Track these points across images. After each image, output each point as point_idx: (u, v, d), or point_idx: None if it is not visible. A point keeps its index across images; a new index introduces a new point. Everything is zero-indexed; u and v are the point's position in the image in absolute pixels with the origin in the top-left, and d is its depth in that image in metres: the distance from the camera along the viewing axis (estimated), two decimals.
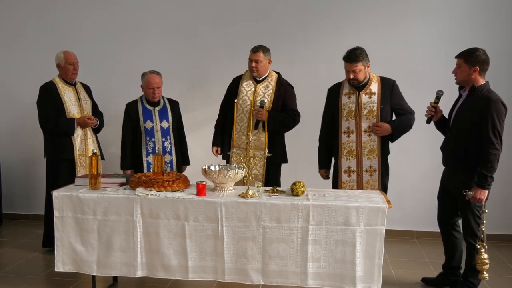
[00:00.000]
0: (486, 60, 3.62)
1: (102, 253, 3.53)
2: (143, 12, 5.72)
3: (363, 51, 4.04)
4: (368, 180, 4.14)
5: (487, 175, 3.52)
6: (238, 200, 3.36)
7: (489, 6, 5.19)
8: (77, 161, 4.70)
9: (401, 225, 5.40)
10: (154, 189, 3.49)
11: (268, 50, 4.42)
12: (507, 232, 5.34)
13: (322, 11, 5.43)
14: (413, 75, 5.21)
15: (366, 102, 4.10)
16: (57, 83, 4.70)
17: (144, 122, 4.60)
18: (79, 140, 4.73)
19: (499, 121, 3.52)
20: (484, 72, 3.65)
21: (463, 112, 3.69)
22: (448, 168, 3.90)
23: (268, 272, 3.36)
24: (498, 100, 3.55)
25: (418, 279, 4.20)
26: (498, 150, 3.53)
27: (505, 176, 5.29)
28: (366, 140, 4.11)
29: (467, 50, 3.66)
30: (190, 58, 5.68)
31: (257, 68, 4.39)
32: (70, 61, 4.70)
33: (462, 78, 3.68)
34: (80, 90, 4.85)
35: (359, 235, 3.25)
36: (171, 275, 3.49)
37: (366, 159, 4.13)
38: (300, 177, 3.75)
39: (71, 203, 3.51)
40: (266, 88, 4.46)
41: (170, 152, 4.67)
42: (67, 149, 4.66)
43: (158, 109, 4.67)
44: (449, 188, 3.87)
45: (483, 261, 3.50)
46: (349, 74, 4.06)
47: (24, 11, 5.88)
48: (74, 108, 4.71)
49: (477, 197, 3.56)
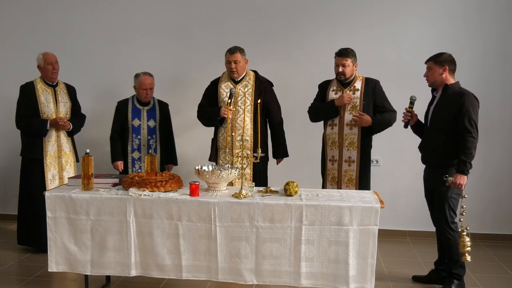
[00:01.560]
0: (453, 61, 3.88)
1: (96, 253, 3.53)
2: (136, 13, 5.71)
3: (353, 51, 4.35)
4: (346, 169, 4.38)
5: (466, 161, 3.67)
6: (231, 200, 3.37)
7: (482, 7, 5.21)
8: (46, 162, 4.73)
9: (394, 225, 5.41)
10: (147, 190, 3.49)
11: (243, 50, 4.49)
12: (500, 232, 5.37)
13: (316, 11, 5.44)
14: (406, 75, 5.22)
15: None
16: (37, 83, 4.76)
17: (132, 120, 4.77)
18: (52, 141, 4.76)
19: (474, 112, 3.71)
20: (453, 72, 3.89)
21: (439, 110, 3.88)
22: (428, 165, 4.05)
23: (261, 271, 3.36)
24: (471, 94, 3.77)
25: (410, 278, 4.23)
26: (475, 138, 3.70)
27: (498, 176, 5.34)
28: (347, 133, 4.34)
29: (435, 54, 3.92)
30: (183, 58, 5.68)
31: (237, 69, 4.45)
32: (49, 61, 4.74)
33: (434, 79, 3.92)
34: (60, 92, 4.86)
35: (352, 235, 3.26)
36: (165, 275, 3.50)
37: (346, 150, 4.36)
38: (293, 176, 3.76)
39: (64, 204, 3.50)
40: (245, 87, 4.50)
41: (155, 150, 4.81)
42: (38, 149, 4.72)
43: (147, 109, 4.84)
44: (431, 186, 4.00)
45: (465, 244, 3.61)
46: (338, 68, 4.33)
47: (18, 10, 5.85)
48: (49, 109, 4.74)
49: (457, 182, 3.70)
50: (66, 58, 5.27)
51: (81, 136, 5.17)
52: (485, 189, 5.30)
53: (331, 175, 4.44)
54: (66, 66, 5.15)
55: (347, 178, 4.37)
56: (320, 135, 4.58)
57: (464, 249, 3.61)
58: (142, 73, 4.72)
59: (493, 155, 5.30)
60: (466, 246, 3.60)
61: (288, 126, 4.73)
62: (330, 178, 4.45)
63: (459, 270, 3.88)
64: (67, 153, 4.88)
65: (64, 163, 4.84)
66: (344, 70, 4.30)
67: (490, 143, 5.21)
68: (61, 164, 4.82)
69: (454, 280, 3.87)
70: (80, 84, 5.19)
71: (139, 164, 4.79)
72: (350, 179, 4.36)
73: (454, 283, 3.86)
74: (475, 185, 4.87)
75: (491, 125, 5.15)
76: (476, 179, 4.86)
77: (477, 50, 5.14)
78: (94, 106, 5.13)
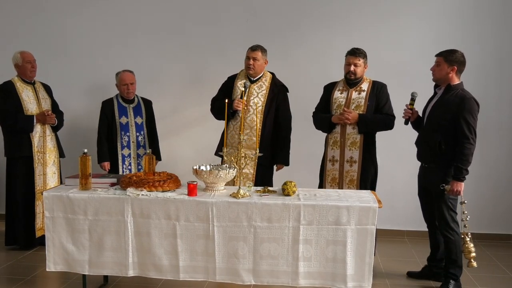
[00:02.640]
0: (463, 62, 3.86)
1: (94, 253, 3.53)
2: (134, 12, 5.70)
3: (365, 52, 4.33)
4: (348, 170, 4.33)
5: (462, 168, 3.70)
6: (229, 200, 3.36)
7: (480, 6, 5.22)
8: (35, 158, 4.75)
9: (391, 224, 5.42)
10: (145, 189, 3.49)
11: (266, 51, 4.50)
12: (497, 231, 5.39)
13: (314, 11, 5.44)
14: (404, 75, 5.23)
15: (355, 97, 4.33)
16: (15, 82, 4.77)
17: (119, 118, 4.85)
18: (38, 137, 4.77)
19: (473, 118, 3.71)
20: (460, 73, 3.88)
21: (438, 109, 3.88)
22: (423, 164, 4.07)
23: (259, 271, 3.36)
24: (471, 98, 3.75)
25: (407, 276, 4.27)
26: (472, 145, 3.71)
27: (495, 176, 5.35)
28: (350, 132, 4.30)
29: (448, 50, 3.88)
30: (182, 58, 5.67)
31: (254, 66, 4.43)
32: (28, 59, 4.78)
33: (440, 76, 3.89)
34: (39, 89, 4.90)
35: (350, 235, 3.26)
36: (162, 275, 3.49)
37: (348, 150, 4.32)
38: (291, 176, 3.76)
39: (62, 204, 3.50)
40: (260, 88, 4.49)
41: (144, 146, 4.89)
42: (25, 146, 4.73)
43: (133, 106, 4.94)
44: (425, 185, 4.03)
45: (469, 250, 3.63)
46: (349, 67, 4.30)
47: (17, 10, 5.84)
48: (32, 106, 4.77)
49: (454, 189, 3.73)
50: (62, 58, 5.28)
51: (81, 137, 5.16)
52: (482, 189, 5.31)
53: (331, 176, 4.40)
54: (63, 66, 5.16)
55: (349, 179, 4.32)
56: (318, 136, 4.58)
57: (469, 255, 3.62)
58: (122, 70, 4.86)
59: (490, 155, 5.31)
60: (471, 252, 3.61)
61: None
62: (330, 179, 4.39)
63: (456, 270, 3.89)
64: (51, 149, 4.89)
65: (48, 159, 4.85)
66: (355, 69, 4.27)
67: (487, 143, 5.21)
68: (45, 160, 4.84)
69: (450, 281, 3.88)
70: (79, 84, 5.19)
71: (129, 161, 4.83)
72: (352, 180, 4.31)
73: (451, 283, 3.87)
74: (473, 185, 4.87)
75: (488, 125, 5.15)
76: (474, 179, 4.85)
77: (474, 50, 5.13)
78: (90, 105, 5.12)
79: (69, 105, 5.40)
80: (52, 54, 5.67)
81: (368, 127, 4.29)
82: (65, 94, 5.45)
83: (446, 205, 3.82)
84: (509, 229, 5.40)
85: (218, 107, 4.54)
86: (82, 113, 5.65)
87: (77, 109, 5.65)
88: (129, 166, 4.81)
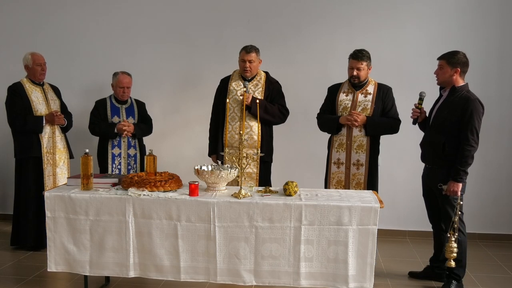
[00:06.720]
0: (466, 62, 3.86)
1: (95, 253, 3.52)
2: (135, 13, 5.70)
3: (368, 53, 4.27)
4: (354, 173, 4.29)
5: (460, 169, 3.72)
6: (230, 200, 3.36)
7: (478, 8, 5.22)
8: (44, 159, 4.76)
9: (393, 224, 5.42)
10: (147, 189, 3.48)
11: (259, 50, 4.51)
12: (499, 232, 5.38)
13: (315, 12, 5.43)
14: (405, 76, 5.23)
15: (361, 100, 4.29)
16: (24, 83, 4.79)
17: (111, 117, 4.88)
18: (47, 137, 4.78)
19: (477, 120, 3.72)
20: (464, 74, 3.87)
21: (443, 111, 3.87)
22: (427, 165, 4.06)
23: (260, 272, 3.36)
24: (476, 100, 3.75)
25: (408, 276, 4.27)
26: (474, 147, 3.71)
27: (496, 176, 5.35)
28: (356, 135, 4.26)
29: (449, 52, 3.87)
30: (182, 59, 5.67)
31: (250, 68, 4.45)
32: (38, 62, 4.79)
33: (444, 79, 3.89)
34: (48, 90, 4.92)
35: (352, 235, 3.26)
36: (163, 276, 3.48)
37: (355, 153, 4.28)
38: (293, 177, 3.76)
39: (63, 204, 3.49)
40: (255, 87, 4.51)
41: (135, 146, 4.91)
42: (34, 147, 4.73)
43: (126, 107, 4.97)
44: (429, 185, 4.02)
45: (451, 250, 3.59)
46: (352, 71, 4.26)
47: (15, 10, 5.84)
48: (41, 107, 4.78)
49: (451, 190, 3.74)
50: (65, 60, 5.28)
51: (81, 136, 5.16)
52: (484, 188, 5.30)
53: (336, 178, 4.35)
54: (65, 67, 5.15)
55: (356, 182, 4.29)
56: (319, 136, 4.57)
57: (450, 255, 3.58)
58: (121, 72, 4.89)
59: (491, 154, 5.30)
60: (452, 252, 3.57)
61: (288, 127, 4.72)
62: (335, 182, 4.35)
63: (460, 271, 3.87)
64: (61, 149, 4.91)
65: (57, 159, 4.86)
66: (358, 73, 4.23)
67: (489, 143, 5.20)
68: (54, 160, 4.84)
69: (453, 281, 3.87)
70: (78, 84, 5.19)
71: (119, 160, 4.85)
72: (359, 183, 4.28)
73: (453, 284, 3.86)
74: (474, 185, 4.87)
75: (488, 125, 5.12)
76: (475, 179, 4.86)
77: (475, 49, 5.12)
78: (91, 106, 5.11)
79: (72, 106, 5.38)
80: (55, 55, 5.65)
81: (376, 130, 4.27)
82: (69, 95, 5.43)
83: (451, 207, 3.80)
84: (510, 229, 5.39)
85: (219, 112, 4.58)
86: (84, 114, 5.64)
87: (77, 109, 5.64)
88: (119, 166, 4.82)
